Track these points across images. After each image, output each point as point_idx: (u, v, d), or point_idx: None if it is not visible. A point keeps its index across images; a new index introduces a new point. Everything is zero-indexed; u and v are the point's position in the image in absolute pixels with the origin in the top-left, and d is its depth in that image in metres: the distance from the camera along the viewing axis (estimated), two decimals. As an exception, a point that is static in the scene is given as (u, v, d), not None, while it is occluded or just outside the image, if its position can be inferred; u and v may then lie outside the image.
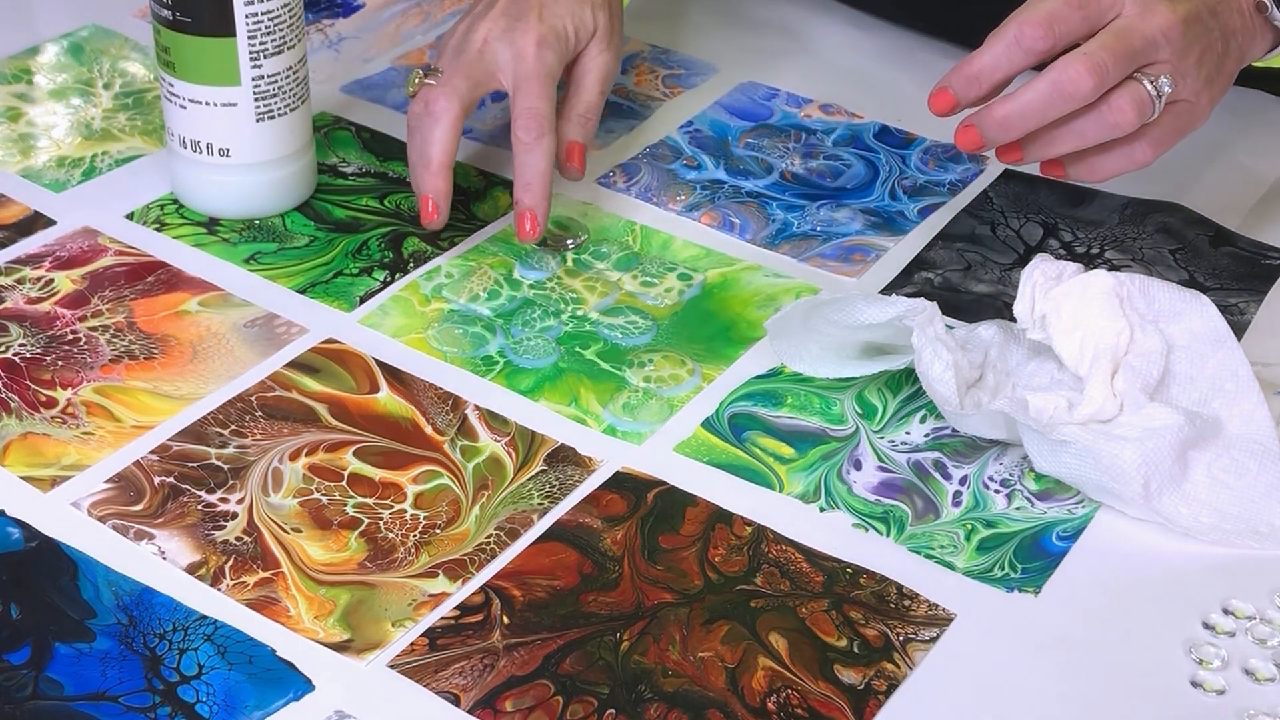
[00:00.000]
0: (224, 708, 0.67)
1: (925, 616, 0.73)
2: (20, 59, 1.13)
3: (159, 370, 0.86)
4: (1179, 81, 0.84)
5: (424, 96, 0.94)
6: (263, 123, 0.94)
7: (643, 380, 0.86)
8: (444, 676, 0.70)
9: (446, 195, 0.93)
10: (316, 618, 0.72)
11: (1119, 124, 0.84)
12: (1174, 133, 0.87)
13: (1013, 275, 0.94)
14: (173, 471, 0.79)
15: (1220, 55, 0.87)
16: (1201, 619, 0.73)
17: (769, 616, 0.73)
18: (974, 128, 0.85)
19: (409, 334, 0.89)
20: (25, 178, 1.01)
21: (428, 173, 0.92)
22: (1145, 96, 0.83)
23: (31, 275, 0.92)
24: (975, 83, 0.84)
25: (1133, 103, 0.83)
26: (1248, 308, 0.93)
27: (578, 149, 0.97)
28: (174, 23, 0.92)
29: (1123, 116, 0.83)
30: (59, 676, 0.69)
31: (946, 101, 0.85)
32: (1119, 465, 0.76)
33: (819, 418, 0.84)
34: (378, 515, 0.77)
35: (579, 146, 0.97)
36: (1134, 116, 0.83)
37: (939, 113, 0.86)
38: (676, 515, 0.78)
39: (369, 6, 1.22)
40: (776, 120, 1.09)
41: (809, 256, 0.96)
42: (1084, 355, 0.79)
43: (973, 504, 0.79)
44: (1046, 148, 0.86)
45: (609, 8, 0.99)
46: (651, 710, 0.68)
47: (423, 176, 0.93)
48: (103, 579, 0.73)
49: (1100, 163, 0.87)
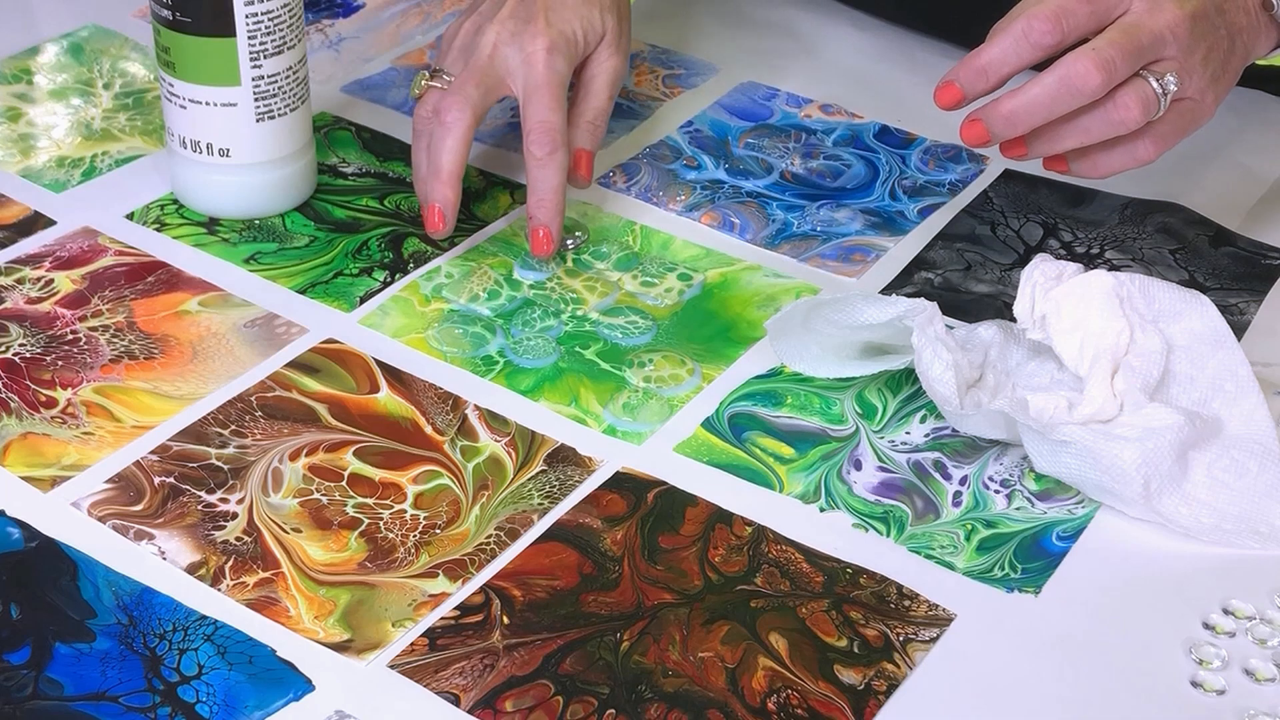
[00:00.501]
0: (224, 708, 0.67)
1: (925, 617, 0.73)
2: (20, 59, 1.13)
3: (159, 370, 0.86)
4: (1185, 79, 0.84)
5: (435, 103, 0.94)
6: (263, 123, 0.94)
7: (643, 380, 0.86)
8: (444, 676, 0.70)
9: (455, 206, 0.93)
10: (316, 618, 0.72)
11: (1124, 121, 0.83)
12: (1178, 131, 0.86)
13: (1013, 275, 0.94)
14: (173, 471, 0.79)
15: (1226, 53, 0.86)
16: (1201, 619, 0.73)
17: (769, 616, 0.73)
18: (980, 122, 0.85)
19: (409, 334, 0.89)
20: (25, 178, 1.01)
21: (438, 182, 0.92)
22: (1151, 94, 0.83)
23: (31, 275, 0.92)
24: (982, 76, 0.84)
25: (1138, 100, 0.83)
26: (1248, 308, 0.93)
27: (585, 157, 0.97)
28: (174, 23, 0.92)
29: (1128, 114, 0.83)
30: (59, 676, 0.69)
31: (953, 95, 0.85)
32: (1119, 465, 0.76)
33: (819, 418, 0.84)
34: (378, 515, 0.77)
35: (587, 154, 0.97)
36: (1139, 114, 0.83)
37: (945, 106, 0.85)
38: (676, 515, 0.78)
39: (369, 6, 1.22)
40: (776, 120, 1.09)
41: (809, 256, 0.96)
42: (1084, 355, 0.79)
43: (973, 504, 0.79)
44: (1051, 143, 0.86)
45: (617, 10, 0.99)
46: (651, 710, 0.68)
47: (432, 185, 0.92)
48: (103, 579, 0.73)
49: (1104, 159, 0.87)
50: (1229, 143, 1.07)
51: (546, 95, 0.93)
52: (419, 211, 0.96)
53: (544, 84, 0.93)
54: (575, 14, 0.96)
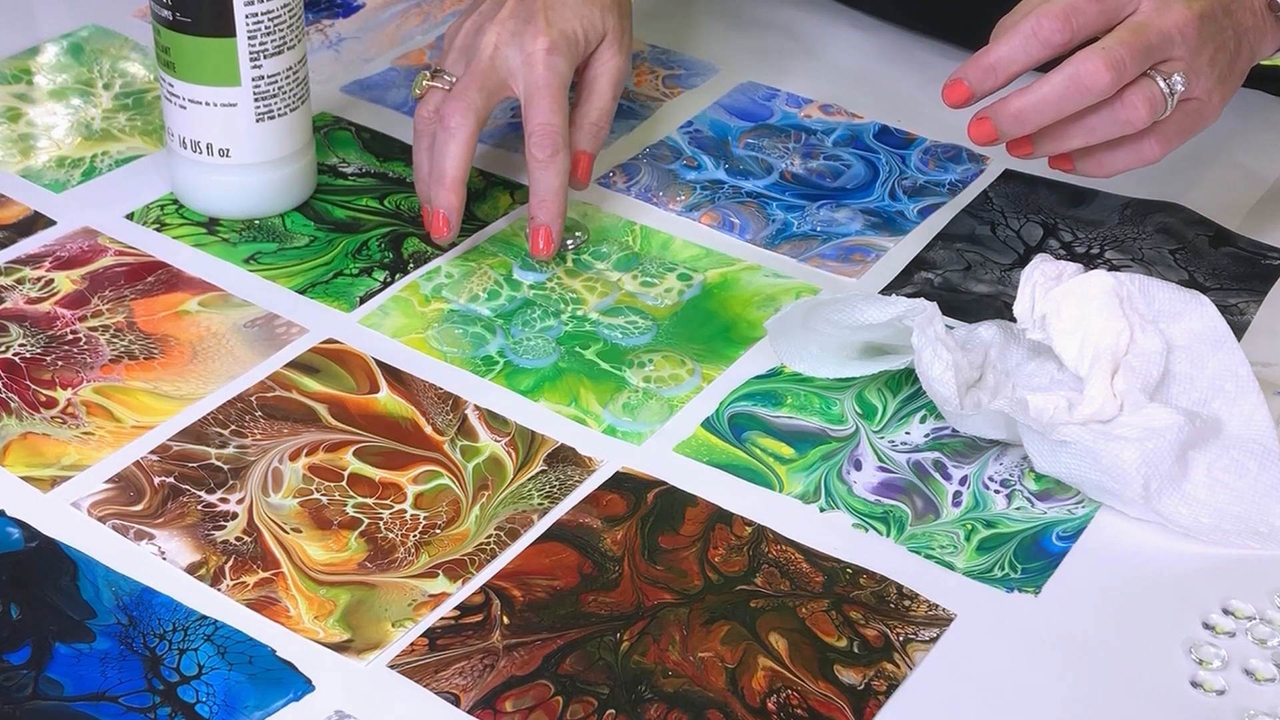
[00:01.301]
0: (224, 708, 0.67)
1: (925, 617, 0.73)
2: (20, 59, 1.13)
3: (159, 370, 0.86)
4: (1192, 79, 0.84)
5: (438, 107, 0.93)
6: (263, 123, 0.94)
7: (643, 380, 0.86)
8: (444, 677, 0.70)
9: (459, 211, 0.92)
10: (316, 618, 0.72)
11: (1131, 120, 0.83)
12: (1184, 131, 0.86)
13: (1013, 275, 0.94)
14: (173, 471, 0.79)
15: (1233, 54, 0.86)
16: (1201, 619, 0.73)
17: (769, 617, 0.73)
18: (988, 120, 0.84)
19: (409, 334, 0.89)
20: (25, 178, 1.01)
21: (441, 188, 0.92)
22: (1158, 94, 0.83)
23: (31, 275, 0.92)
24: (991, 74, 0.84)
25: (1145, 100, 0.83)
26: (1248, 308, 0.93)
27: (585, 159, 0.97)
28: (174, 23, 0.92)
29: (1135, 113, 0.83)
30: (59, 676, 0.69)
31: (961, 93, 0.84)
32: (1119, 465, 0.76)
33: (819, 418, 0.84)
34: (378, 515, 0.77)
35: (587, 157, 0.97)
36: (1146, 114, 0.83)
37: (953, 104, 0.85)
38: (676, 515, 0.78)
39: (369, 6, 1.22)
40: (776, 120, 1.09)
41: (809, 257, 0.96)
42: (1084, 355, 0.79)
43: (973, 504, 0.79)
44: (1057, 142, 0.86)
45: (618, 8, 0.99)
46: (651, 710, 0.68)
47: (436, 191, 0.92)
48: (103, 579, 0.73)
49: (1109, 158, 0.87)
50: (1229, 143, 1.07)
51: (547, 97, 0.93)
52: (419, 211, 0.96)
53: (545, 85, 0.93)
54: (575, 13, 0.96)
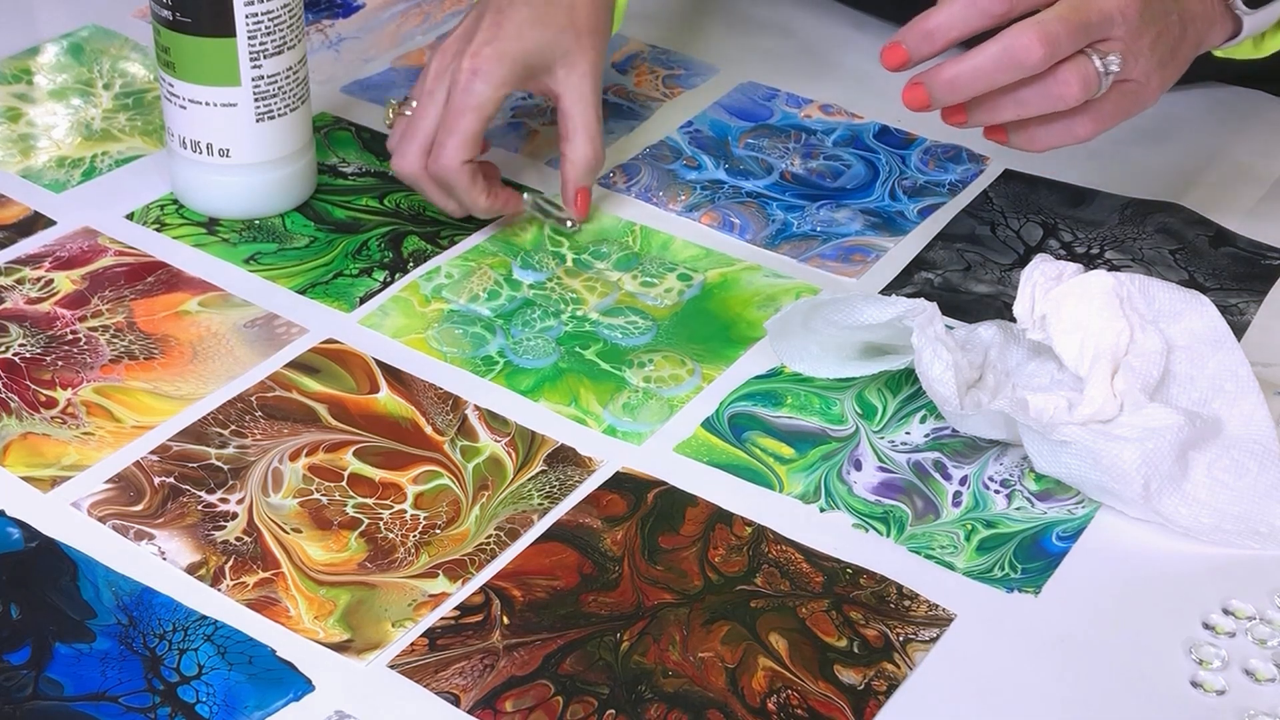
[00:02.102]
0: (224, 708, 0.67)
1: (925, 617, 0.73)
2: (20, 59, 1.13)
3: (159, 370, 0.86)
4: (1129, 61, 0.83)
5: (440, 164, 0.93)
6: (263, 123, 0.94)
7: (643, 380, 0.86)
8: (444, 677, 0.70)
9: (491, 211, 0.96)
10: (316, 618, 0.72)
11: (1062, 97, 0.83)
12: (1119, 112, 0.85)
13: (1013, 275, 0.94)
14: (173, 472, 0.79)
15: (1177, 39, 0.86)
16: (1201, 619, 0.73)
17: (769, 617, 0.73)
18: (922, 85, 0.83)
19: (409, 334, 0.89)
20: (25, 178, 1.01)
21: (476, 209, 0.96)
22: (1092, 73, 0.82)
23: (31, 275, 0.92)
24: (928, 40, 0.83)
25: (1079, 78, 0.82)
26: (1248, 308, 0.93)
27: (583, 194, 0.96)
28: (174, 23, 0.92)
29: (1067, 90, 0.82)
30: (59, 677, 0.69)
31: (898, 56, 0.84)
32: (1119, 465, 0.76)
33: (819, 418, 0.84)
34: (378, 515, 0.77)
35: (584, 191, 0.96)
36: (1078, 91, 0.82)
37: (890, 67, 0.84)
38: (676, 515, 0.78)
39: (369, 6, 1.22)
40: (776, 120, 1.09)
41: (809, 257, 0.96)
42: (1084, 355, 0.79)
43: (973, 504, 0.79)
44: (989, 113, 0.85)
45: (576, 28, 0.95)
46: (651, 710, 0.68)
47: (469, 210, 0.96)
48: (103, 579, 0.73)
49: (1041, 133, 0.86)
50: (1229, 143, 1.07)
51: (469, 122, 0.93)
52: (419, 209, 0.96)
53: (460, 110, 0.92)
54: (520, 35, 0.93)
